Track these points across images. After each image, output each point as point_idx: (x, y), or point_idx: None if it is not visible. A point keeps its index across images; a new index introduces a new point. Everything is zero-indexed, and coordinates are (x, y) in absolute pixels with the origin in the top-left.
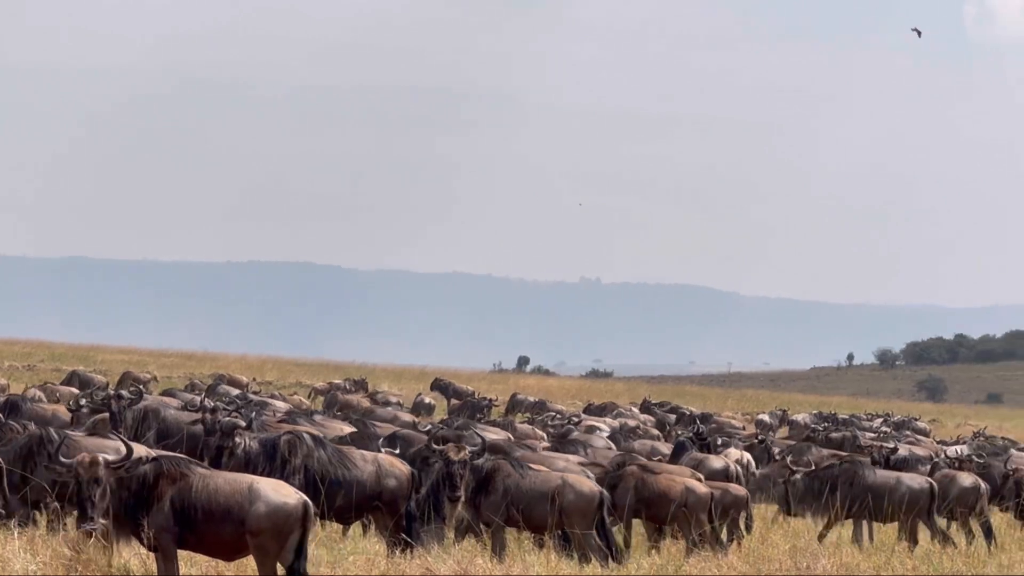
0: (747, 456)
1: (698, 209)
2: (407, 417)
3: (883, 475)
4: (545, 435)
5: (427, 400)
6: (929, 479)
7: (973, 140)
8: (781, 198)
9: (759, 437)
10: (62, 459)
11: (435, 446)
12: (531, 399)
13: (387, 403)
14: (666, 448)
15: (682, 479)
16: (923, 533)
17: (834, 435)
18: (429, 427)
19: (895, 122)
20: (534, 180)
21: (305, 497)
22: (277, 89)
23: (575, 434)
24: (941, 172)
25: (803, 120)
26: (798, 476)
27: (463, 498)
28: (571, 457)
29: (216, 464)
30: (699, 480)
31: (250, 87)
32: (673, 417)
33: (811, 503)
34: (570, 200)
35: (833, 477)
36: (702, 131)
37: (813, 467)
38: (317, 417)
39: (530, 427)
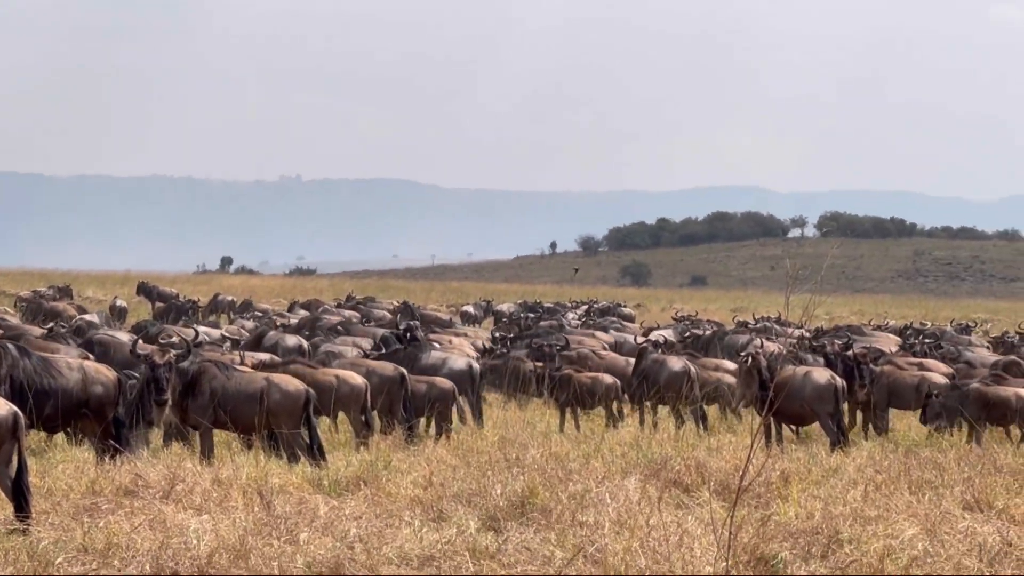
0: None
1: (396, 104)
2: (13, 320)
3: (435, 356)
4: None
5: (120, 303)
6: (470, 360)
7: (663, 31)
8: (468, 92)
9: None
10: None
11: (139, 350)
12: (234, 299)
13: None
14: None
15: (331, 372)
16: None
17: (543, 324)
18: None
19: (576, 14)
20: (229, 81)
21: (16, 408)
22: None
23: (271, 334)
24: (630, 62)
25: (496, 12)
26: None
27: (170, 401)
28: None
29: None
30: (402, 373)
31: None
32: (381, 313)
33: None
34: (266, 99)
35: (399, 360)
36: (397, 26)
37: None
38: None
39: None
